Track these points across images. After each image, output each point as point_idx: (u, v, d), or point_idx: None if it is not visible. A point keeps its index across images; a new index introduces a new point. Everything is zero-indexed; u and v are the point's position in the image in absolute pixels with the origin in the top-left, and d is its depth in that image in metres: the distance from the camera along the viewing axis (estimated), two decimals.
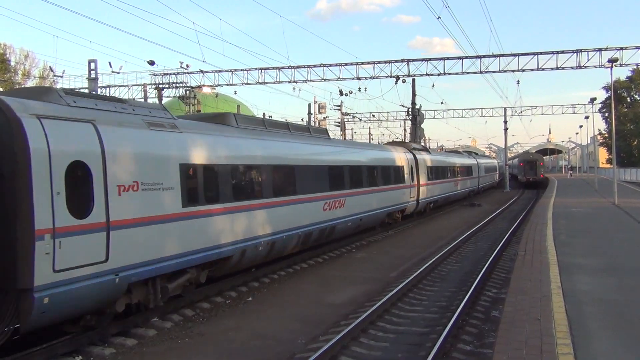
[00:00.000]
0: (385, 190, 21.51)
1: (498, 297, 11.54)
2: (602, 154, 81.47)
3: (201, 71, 38.67)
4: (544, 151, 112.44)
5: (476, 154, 62.52)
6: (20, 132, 7.33)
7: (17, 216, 7.27)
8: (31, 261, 7.22)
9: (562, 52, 33.56)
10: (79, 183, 8.02)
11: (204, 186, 10.65)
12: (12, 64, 54.04)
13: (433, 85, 55.86)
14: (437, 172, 30.47)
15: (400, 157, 24.41)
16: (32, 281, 7.21)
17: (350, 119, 61.07)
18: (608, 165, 70.29)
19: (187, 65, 37.91)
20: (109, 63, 60.31)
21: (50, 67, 45.43)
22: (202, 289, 11.67)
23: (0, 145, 7.41)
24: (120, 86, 40.65)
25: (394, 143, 31.36)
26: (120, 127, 9.03)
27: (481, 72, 34.84)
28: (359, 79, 36.98)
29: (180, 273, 10.17)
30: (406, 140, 50.34)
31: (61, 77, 39.36)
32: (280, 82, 37.66)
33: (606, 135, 67.99)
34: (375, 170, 20.65)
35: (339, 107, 54.26)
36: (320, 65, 36.59)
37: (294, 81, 37.47)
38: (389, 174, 22.18)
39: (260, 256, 12.61)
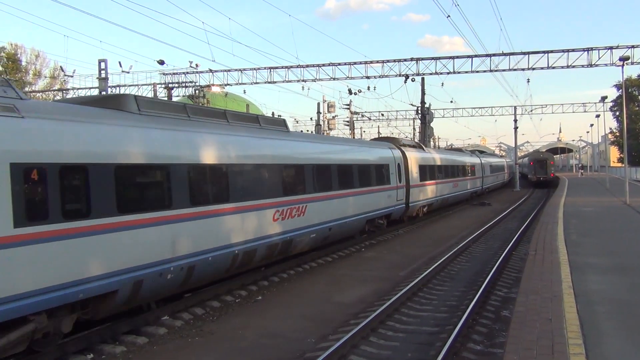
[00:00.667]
0: (364, 193, 18.34)
1: (508, 297, 11.49)
2: (614, 153, 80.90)
3: (210, 70, 38.82)
4: (555, 150, 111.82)
5: (481, 152, 60.80)
6: None
7: None
8: None
9: (573, 50, 33.32)
10: None
11: (60, 196, 7.62)
12: (23, 63, 54.46)
13: (442, 84, 55.17)
14: (432, 172, 27.44)
15: (385, 155, 21.37)
16: None
17: (359, 118, 61.06)
18: (619, 164, 69.80)
19: (197, 65, 38.14)
20: (119, 63, 60.70)
21: (60, 66, 45.90)
22: (211, 287, 11.72)
23: None
24: (130, 85, 40.86)
25: (380, 139, 28.62)
26: None
27: (491, 71, 34.70)
28: (368, 77, 36.96)
29: (17, 323, 7.23)
30: (416, 139, 50.19)
31: (72, 76, 39.75)
32: (289, 82, 37.73)
33: (617, 133, 67.52)
34: (350, 170, 17.56)
35: (348, 106, 54.26)
36: (329, 64, 36.62)
37: (303, 80, 37.52)
38: (369, 174, 19.10)
39: (172, 285, 9.80)
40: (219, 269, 10.99)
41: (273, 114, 52.21)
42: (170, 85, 39.91)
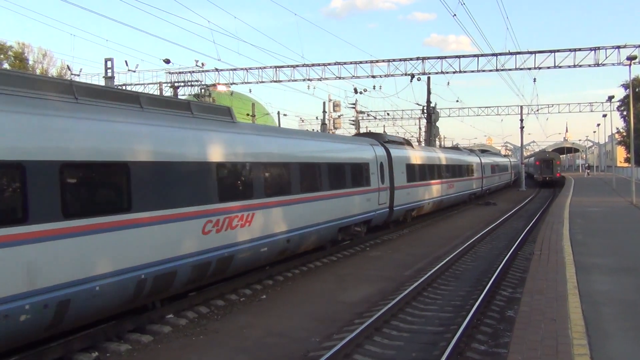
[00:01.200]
0: (335, 196, 15.90)
1: (513, 297, 11.47)
2: (620, 153, 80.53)
3: (216, 69, 38.87)
4: (561, 150, 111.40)
5: (484, 151, 58.41)
6: None
7: None
8: None
9: (580, 49, 33.13)
10: None
11: None
12: (31, 62, 54.75)
13: (448, 83, 56.15)
14: (422, 172, 25.07)
15: (364, 152, 18.90)
16: None
17: (365, 117, 61.05)
18: (626, 164, 69.45)
19: (203, 64, 38.23)
20: (125, 62, 60.71)
21: (67, 65, 45.95)
22: (216, 286, 11.74)
23: None
24: (136, 84, 40.96)
25: (362, 134, 26.45)
26: None
27: (497, 70, 34.55)
28: (373, 77, 36.90)
29: None
30: (421, 139, 50.04)
31: (78, 75, 39.76)
32: (295, 81, 37.75)
33: (624, 133, 67.12)
34: (317, 169, 15.16)
35: (354, 105, 54.29)
36: (335, 64, 36.60)
37: (309, 79, 37.52)
38: (342, 174, 16.63)
39: (30, 330, 7.25)
40: (115, 300, 8.52)
41: (279, 113, 52.31)
42: (176, 84, 40.00)
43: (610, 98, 46.01)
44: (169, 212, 9.45)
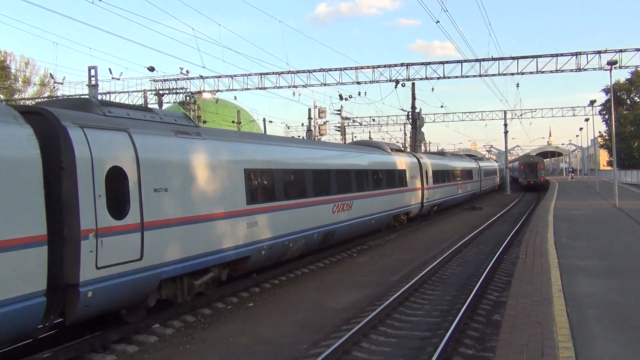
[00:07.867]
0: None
1: (499, 301, 11.53)
2: (603, 156, 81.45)
3: (201, 77, 38.76)
4: (545, 154, 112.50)
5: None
6: None
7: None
8: None
9: (562, 54, 33.58)
10: None
11: None
12: (13, 71, 54.20)
13: (433, 88, 55.54)
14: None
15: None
16: None
17: (350, 124, 61.22)
18: (609, 168, 70.29)
19: (187, 71, 38.10)
20: (109, 70, 60.13)
21: (50, 74, 45.55)
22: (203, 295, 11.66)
23: None
24: (120, 92, 40.71)
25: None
26: None
27: (481, 76, 34.88)
28: (358, 83, 37.01)
29: None
30: (407, 144, 50.26)
31: (62, 84, 39.53)
32: (280, 87, 37.76)
33: (606, 137, 67.97)
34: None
35: (339, 112, 54.43)
36: (319, 70, 36.68)
37: (294, 86, 37.56)
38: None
39: None
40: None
41: (264, 120, 52.37)
42: (160, 91, 39.80)
43: (592, 102, 46.68)
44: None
